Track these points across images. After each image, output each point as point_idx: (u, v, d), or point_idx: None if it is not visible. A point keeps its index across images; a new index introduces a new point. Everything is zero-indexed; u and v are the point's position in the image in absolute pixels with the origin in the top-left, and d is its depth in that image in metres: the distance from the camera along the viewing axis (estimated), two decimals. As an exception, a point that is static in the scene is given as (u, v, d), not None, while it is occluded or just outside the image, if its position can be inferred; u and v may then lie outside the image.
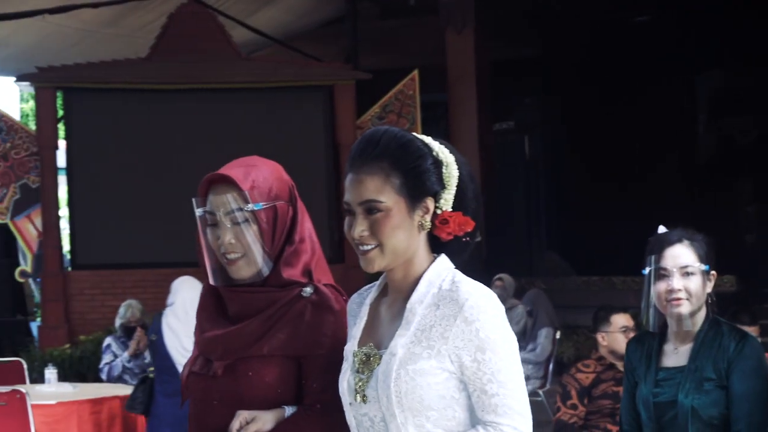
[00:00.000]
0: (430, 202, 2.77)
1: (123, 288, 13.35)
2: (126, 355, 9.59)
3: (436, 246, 2.83)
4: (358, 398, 2.78)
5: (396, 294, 2.84)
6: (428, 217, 2.76)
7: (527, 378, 11.13)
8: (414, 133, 2.81)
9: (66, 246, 14.59)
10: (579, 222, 16.90)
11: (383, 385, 2.71)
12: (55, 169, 14.05)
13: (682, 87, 17.66)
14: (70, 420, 7.75)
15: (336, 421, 2.92)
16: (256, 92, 14.14)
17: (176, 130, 13.92)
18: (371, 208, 2.73)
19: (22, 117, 24.10)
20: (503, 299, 11.69)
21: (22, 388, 7.74)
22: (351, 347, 2.86)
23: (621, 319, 6.74)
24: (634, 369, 4.12)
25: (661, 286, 3.97)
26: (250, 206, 3.00)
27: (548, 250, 18.46)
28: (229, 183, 3.01)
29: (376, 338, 2.83)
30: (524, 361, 11.13)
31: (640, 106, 16.99)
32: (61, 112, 14.52)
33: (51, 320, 13.90)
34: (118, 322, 10.02)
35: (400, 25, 17.89)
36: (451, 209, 2.78)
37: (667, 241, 4.02)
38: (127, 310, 9.99)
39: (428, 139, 2.82)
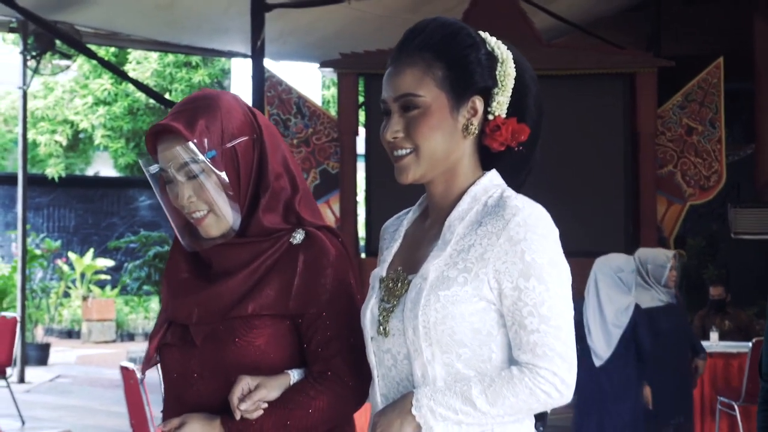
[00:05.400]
0: (478, 102, 2.36)
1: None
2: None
3: (488, 163, 2.42)
4: (381, 331, 2.36)
5: (436, 213, 2.42)
6: (476, 121, 2.36)
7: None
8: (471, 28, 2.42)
9: (361, 232, 14.79)
10: None
11: (410, 315, 2.28)
12: (354, 156, 14.24)
13: None
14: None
15: (351, 391, 2.56)
16: (556, 79, 13.93)
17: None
18: (407, 104, 2.33)
19: (323, 103, 24.67)
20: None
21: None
22: (378, 272, 2.45)
23: None
24: None
25: None
26: (202, 156, 2.54)
27: None
28: (175, 133, 2.56)
29: (409, 263, 2.40)
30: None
31: None
32: (361, 99, 14.74)
33: (347, 304, 14.14)
34: None
35: (704, 10, 17.49)
36: (505, 116, 2.38)
37: None
38: None
39: (485, 34, 2.45)
